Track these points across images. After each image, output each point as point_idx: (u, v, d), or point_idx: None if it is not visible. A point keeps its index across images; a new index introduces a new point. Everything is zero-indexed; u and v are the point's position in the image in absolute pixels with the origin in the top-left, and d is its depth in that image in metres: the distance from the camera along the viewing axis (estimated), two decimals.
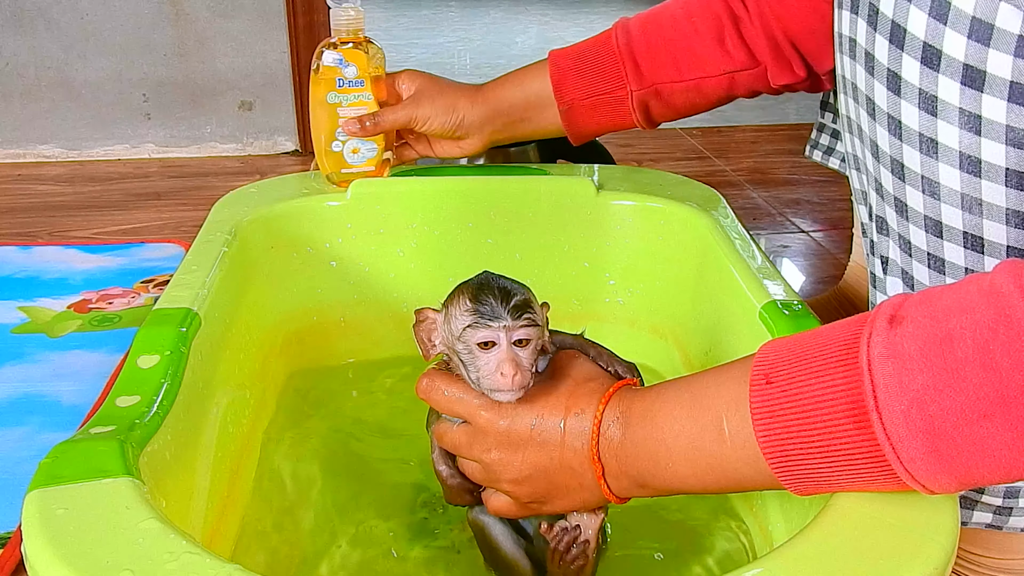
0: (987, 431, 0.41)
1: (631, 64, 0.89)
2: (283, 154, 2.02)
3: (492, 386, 0.55)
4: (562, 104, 0.92)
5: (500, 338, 0.54)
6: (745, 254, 0.82)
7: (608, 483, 0.55)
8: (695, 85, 0.90)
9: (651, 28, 0.90)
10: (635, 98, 0.90)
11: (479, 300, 0.55)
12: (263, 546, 0.74)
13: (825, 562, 0.44)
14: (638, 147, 2.07)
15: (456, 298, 0.57)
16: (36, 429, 0.99)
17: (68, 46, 1.90)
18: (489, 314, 0.54)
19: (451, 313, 0.57)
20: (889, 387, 0.42)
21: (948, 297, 0.43)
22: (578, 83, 0.91)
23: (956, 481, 0.43)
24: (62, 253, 1.45)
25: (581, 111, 0.92)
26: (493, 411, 0.56)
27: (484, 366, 0.55)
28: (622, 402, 0.54)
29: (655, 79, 0.90)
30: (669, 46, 0.89)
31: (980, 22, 0.50)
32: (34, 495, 0.48)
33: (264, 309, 0.90)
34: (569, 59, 0.92)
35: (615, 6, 4.63)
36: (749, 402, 0.47)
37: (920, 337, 0.42)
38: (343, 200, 0.94)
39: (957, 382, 0.41)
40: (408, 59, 3.23)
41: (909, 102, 0.56)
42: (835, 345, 0.45)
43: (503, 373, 0.54)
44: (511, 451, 0.56)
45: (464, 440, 0.58)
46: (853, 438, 0.44)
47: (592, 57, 0.91)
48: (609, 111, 0.92)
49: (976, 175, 0.54)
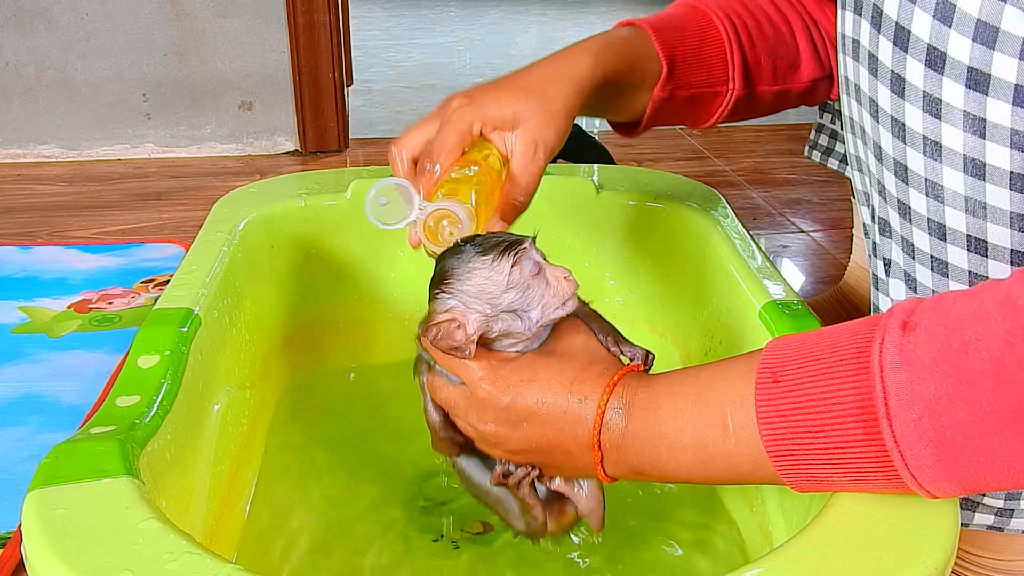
0: (998, 443, 0.41)
1: (740, 63, 0.82)
2: (283, 154, 2.02)
3: (562, 298, 0.54)
4: (663, 92, 0.79)
5: (538, 257, 0.54)
6: (745, 254, 0.82)
7: (605, 468, 0.55)
8: (784, 92, 0.85)
9: (752, 26, 0.83)
10: (732, 98, 0.83)
11: (488, 245, 0.53)
12: (263, 546, 0.74)
13: (825, 562, 0.44)
14: (638, 147, 2.07)
15: (461, 273, 0.54)
16: (36, 429, 0.99)
17: (68, 46, 1.90)
18: (512, 243, 0.53)
19: (473, 286, 0.53)
20: (901, 395, 0.42)
21: (962, 305, 0.43)
22: (685, 75, 0.80)
23: (961, 488, 0.43)
24: (62, 253, 1.45)
25: (675, 103, 0.81)
26: (494, 385, 0.55)
27: (545, 289, 0.54)
28: (627, 391, 0.53)
29: (756, 82, 0.84)
30: (772, 49, 0.83)
31: (985, 25, 0.50)
32: (34, 495, 0.48)
33: (264, 309, 0.90)
34: (678, 43, 0.80)
35: (615, 6, 4.63)
36: (755, 400, 0.47)
37: (934, 345, 0.42)
38: (343, 200, 0.94)
39: (970, 393, 0.41)
40: (408, 59, 3.23)
41: (913, 105, 0.55)
42: (846, 347, 0.45)
43: (565, 276, 0.53)
44: (509, 427, 0.56)
45: (462, 404, 0.57)
46: (860, 442, 0.44)
47: (704, 49, 0.81)
48: (697, 107, 0.83)
49: (980, 178, 0.54)
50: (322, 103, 1.98)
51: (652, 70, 0.77)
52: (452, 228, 0.58)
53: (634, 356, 0.57)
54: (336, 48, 1.96)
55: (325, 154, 2.02)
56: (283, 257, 0.93)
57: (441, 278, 0.55)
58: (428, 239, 0.60)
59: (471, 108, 0.66)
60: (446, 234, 0.58)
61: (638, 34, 0.77)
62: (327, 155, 2.02)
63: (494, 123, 0.66)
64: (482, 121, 0.66)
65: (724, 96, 0.82)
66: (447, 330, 0.54)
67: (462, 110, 0.66)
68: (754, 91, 0.83)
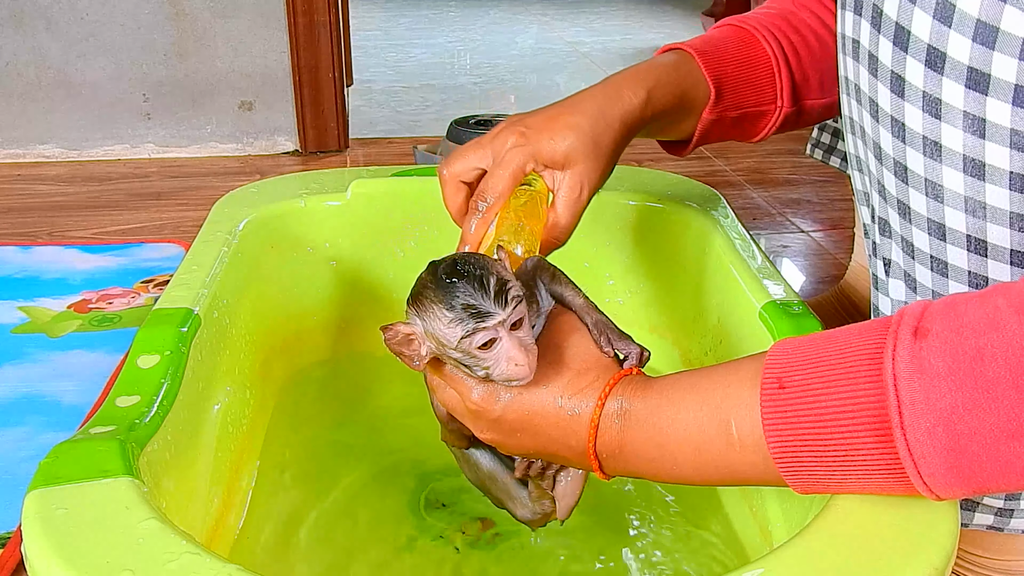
0: (1014, 450, 0.40)
1: (787, 81, 0.81)
2: (283, 154, 2.02)
3: (507, 378, 0.52)
4: (712, 115, 0.79)
5: (500, 333, 0.51)
6: (745, 254, 0.82)
7: (603, 471, 0.54)
8: (832, 104, 0.84)
9: (797, 42, 0.82)
10: (780, 115, 0.82)
11: (457, 303, 0.51)
12: (263, 546, 0.74)
13: (825, 562, 0.44)
14: (638, 147, 2.06)
15: (428, 308, 0.52)
16: (36, 429, 0.99)
17: (68, 46, 1.90)
18: (479, 314, 0.51)
19: (432, 327, 0.52)
20: (916, 404, 0.41)
21: (975, 310, 0.42)
22: (733, 97, 0.80)
23: (971, 492, 0.43)
24: (62, 253, 1.45)
25: (723, 123, 0.81)
26: (483, 398, 0.54)
27: (492, 363, 0.52)
28: (624, 399, 0.52)
29: (804, 97, 0.83)
30: (818, 63, 0.82)
31: (985, 25, 0.50)
32: (34, 495, 0.48)
33: (264, 309, 0.90)
34: (725, 66, 0.80)
35: (615, 6, 4.63)
36: (760, 407, 0.47)
37: (948, 353, 0.41)
38: (343, 200, 0.94)
39: (987, 402, 0.40)
40: (408, 59, 3.23)
41: (913, 105, 0.55)
42: (856, 354, 0.44)
43: (517, 363, 0.51)
44: (504, 436, 0.55)
45: (458, 409, 0.57)
46: (872, 450, 0.43)
47: (751, 69, 0.80)
48: (745, 125, 0.82)
49: (980, 179, 0.54)
50: (322, 103, 1.98)
51: (700, 95, 0.77)
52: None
53: (629, 354, 0.55)
54: (336, 48, 1.96)
55: (325, 154, 2.02)
56: (283, 257, 0.93)
57: (416, 297, 0.54)
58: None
59: (525, 149, 0.67)
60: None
61: (685, 60, 0.77)
62: (327, 155, 2.02)
63: (545, 162, 0.67)
64: (534, 160, 0.67)
65: (772, 114, 0.82)
66: (402, 339, 0.54)
67: (516, 151, 0.67)
68: (802, 106, 0.83)
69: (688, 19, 4.15)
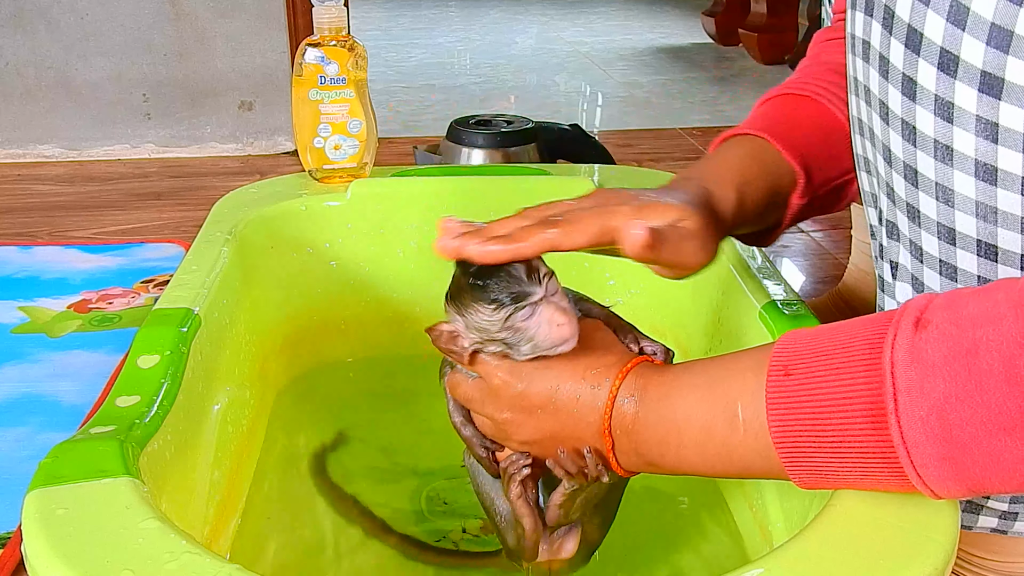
0: (1005, 445, 0.41)
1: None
2: (283, 154, 2.02)
3: (553, 343, 0.54)
4: (803, 199, 0.73)
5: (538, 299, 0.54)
6: (745, 254, 0.82)
7: (617, 457, 0.55)
8: None
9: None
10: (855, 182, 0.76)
11: (498, 290, 0.54)
12: (263, 546, 0.74)
13: (825, 562, 0.44)
14: (638, 147, 2.07)
15: (468, 304, 0.55)
16: (36, 429, 0.99)
17: (68, 46, 1.90)
18: (521, 294, 0.53)
19: (474, 321, 0.55)
20: (911, 392, 0.42)
21: (975, 304, 0.43)
22: (821, 176, 0.74)
23: (966, 489, 0.43)
24: (62, 253, 1.45)
25: (814, 203, 0.75)
26: (509, 373, 0.56)
27: (537, 332, 0.54)
28: (639, 379, 0.54)
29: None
30: None
31: (999, 28, 0.50)
32: (34, 495, 0.48)
33: (264, 309, 0.90)
34: (805, 145, 0.74)
35: (615, 6, 4.63)
36: (765, 393, 0.47)
37: (945, 344, 0.42)
38: (343, 200, 0.94)
39: (980, 394, 0.41)
40: (408, 59, 3.23)
41: (924, 108, 0.55)
42: (858, 343, 0.45)
43: (559, 323, 0.54)
44: (524, 414, 0.56)
45: (477, 396, 0.58)
46: (868, 437, 0.44)
47: (830, 142, 0.75)
48: (832, 197, 0.77)
49: (992, 183, 0.53)
50: None
51: (786, 182, 0.72)
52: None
53: (655, 352, 0.58)
54: None
55: None
56: (283, 257, 0.94)
57: (454, 296, 0.57)
58: None
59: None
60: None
61: (762, 148, 0.72)
62: None
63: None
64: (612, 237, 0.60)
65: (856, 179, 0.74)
66: (447, 337, 0.57)
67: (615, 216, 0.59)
68: None
69: (688, 19, 4.15)
